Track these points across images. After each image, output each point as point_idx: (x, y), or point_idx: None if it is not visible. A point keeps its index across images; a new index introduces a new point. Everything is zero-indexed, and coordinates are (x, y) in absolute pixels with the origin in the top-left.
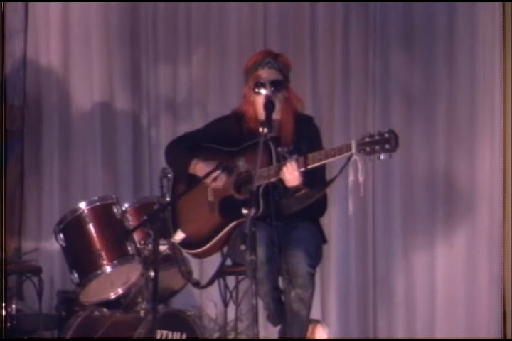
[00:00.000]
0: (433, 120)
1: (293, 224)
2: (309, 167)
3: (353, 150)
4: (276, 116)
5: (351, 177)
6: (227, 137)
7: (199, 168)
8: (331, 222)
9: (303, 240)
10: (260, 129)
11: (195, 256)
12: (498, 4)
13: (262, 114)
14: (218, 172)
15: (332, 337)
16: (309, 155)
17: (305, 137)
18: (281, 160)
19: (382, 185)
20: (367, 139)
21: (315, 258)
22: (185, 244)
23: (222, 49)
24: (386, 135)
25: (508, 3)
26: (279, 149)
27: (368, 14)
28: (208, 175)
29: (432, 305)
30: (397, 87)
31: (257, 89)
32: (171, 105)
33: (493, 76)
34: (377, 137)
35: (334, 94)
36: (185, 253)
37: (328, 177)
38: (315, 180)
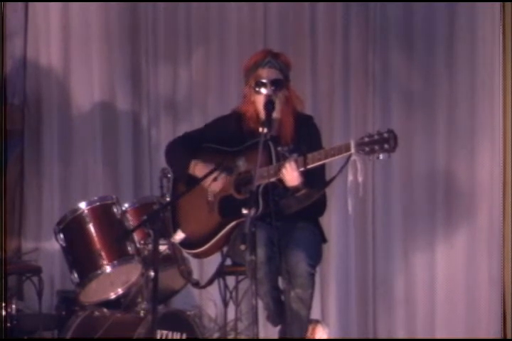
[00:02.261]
0: (433, 120)
1: (293, 224)
2: (309, 167)
3: (352, 150)
4: (276, 115)
5: (350, 177)
6: (227, 137)
7: (198, 169)
8: (331, 221)
9: (303, 240)
10: (260, 129)
11: (194, 255)
12: (498, 4)
13: (262, 113)
14: (217, 172)
15: (332, 337)
16: (309, 155)
17: (305, 136)
18: (281, 160)
19: (382, 184)
20: (366, 139)
21: (315, 258)
22: (184, 243)
23: (222, 49)
24: (385, 135)
25: (508, 3)
26: (279, 149)
27: (368, 14)
28: (206, 176)
29: (432, 305)
30: (397, 87)
31: (257, 89)
32: (171, 105)
33: (493, 76)
34: (376, 137)
35: (334, 93)
36: (185, 253)
37: (327, 176)
38: (314, 179)
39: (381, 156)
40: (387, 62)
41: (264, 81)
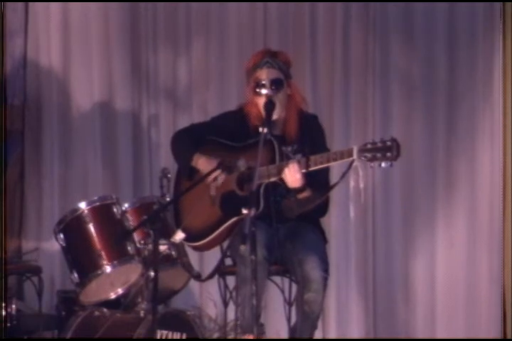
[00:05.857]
0: (434, 117)
1: (296, 225)
2: (310, 169)
3: (355, 156)
4: (280, 114)
5: (352, 184)
6: (232, 132)
7: (201, 162)
8: (330, 222)
9: (314, 244)
10: (260, 129)
11: (195, 248)
12: (498, 4)
13: (264, 114)
14: (218, 172)
15: (332, 337)
16: (311, 158)
17: (309, 136)
18: (285, 159)
19: (382, 184)
20: (369, 146)
21: (327, 261)
22: (186, 237)
23: (223, 50)
24: (388, 143)
25: (508, 3)
26: (283, 148)
27: (368, 13)
28: (206, 176)
29: (432, 305)
30: (398, 86)
31: (257, 90)
32: (171, 105)
33: (492, 71)
34: (379, 144)
35: (334, 93)
36: (187, 246)
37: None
38: (317, 183)
39: (383, 164)
40: (388, 61)
41: (263, 82)
